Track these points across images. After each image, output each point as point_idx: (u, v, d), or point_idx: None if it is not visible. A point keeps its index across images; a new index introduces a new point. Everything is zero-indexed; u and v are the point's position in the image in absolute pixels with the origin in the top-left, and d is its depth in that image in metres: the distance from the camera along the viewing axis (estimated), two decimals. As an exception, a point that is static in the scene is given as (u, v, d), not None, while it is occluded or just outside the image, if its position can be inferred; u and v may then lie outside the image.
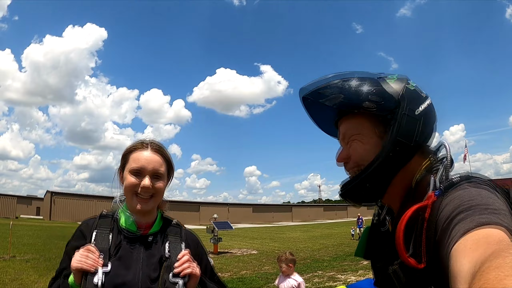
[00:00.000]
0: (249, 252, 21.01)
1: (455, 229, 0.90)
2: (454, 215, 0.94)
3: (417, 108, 1.21)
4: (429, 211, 1.03)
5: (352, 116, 1.29)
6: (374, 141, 1.24)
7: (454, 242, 0.87)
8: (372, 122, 1.24)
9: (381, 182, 1.22)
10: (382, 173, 1.20)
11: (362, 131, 1.26)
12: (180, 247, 1.82)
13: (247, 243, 26.67)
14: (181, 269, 1.69)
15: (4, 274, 11.90)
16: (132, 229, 1.79)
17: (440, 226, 0.97)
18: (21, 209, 68.58)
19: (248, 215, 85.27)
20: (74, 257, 1.60)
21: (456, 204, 0.97)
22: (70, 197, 67.93)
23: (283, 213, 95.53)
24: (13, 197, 65.87)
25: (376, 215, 1.41)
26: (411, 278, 1.05)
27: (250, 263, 16.31)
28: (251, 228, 53.50)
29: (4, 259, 14.95)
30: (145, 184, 1.76)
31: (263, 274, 13.38)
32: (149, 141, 1.88)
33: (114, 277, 1.61)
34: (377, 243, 1.33)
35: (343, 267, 14.50)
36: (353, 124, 1.29)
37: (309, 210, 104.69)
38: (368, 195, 1.26)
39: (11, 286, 10.41)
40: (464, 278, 0.76)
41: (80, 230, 1.80)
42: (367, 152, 1.23)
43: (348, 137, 1.30)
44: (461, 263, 0.80)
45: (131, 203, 1.80)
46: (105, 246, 1.68)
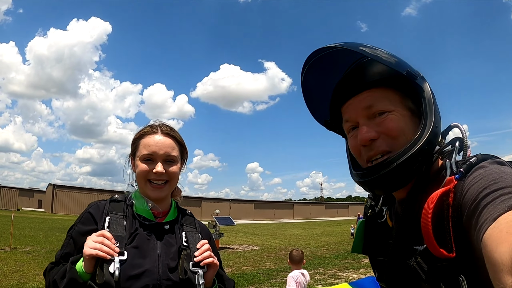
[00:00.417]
0: (250, 248, 21.03)
1: (484, 212, 0.83)
2: (481, 197, 0.87)
3: None
4: (452, 195, 0.95)
5: (377, 87, 1.13)
6: (407, 114, 1.11)
7: (485, 228, 0.80)
8: (401, 95, 1.12)
9: (426, 161, 1.07)
10: (430, 149, 1.07)
11: (395, 104, 1.11)
12: (197, 237, 1.78)
13: (248, 239, 26.68)
14: (202, 257, 1.65)
15: (5, 265, 11.94)
16: (149, 216, 1.72)
17: (466, 210, 0.91)
18: (23, 201, 68.73)
19: (250, 211, 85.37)
20: (87, 243, 1.49)
21: (481, 184, 0.90)
22: (72, 190, 68.09)
23: (285, 210, 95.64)
24: (15, 189, 66.05)
25: (369, 207, 1.33)
26: (436, 269, 0.97)
27: (251, 259, 16.31)
28: (252, 224, 53.62)
29: (5, 250, 14.99)
30: (157, 170, 1.69)
31: (264, 270, 13.37)
32: (158, 124, 1.82)
33: (132, 266, 1.53)
34: (376, 237, 1.27)
35: (345, 265, 14.50)
36: (383, 95, 1.12)
37: (311, 208, 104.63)
38: (406, 179, 1.08)
39: (12, 278, 10.42)
40: (506, 267, 0.70)
41: (89, 213, 1.68)
42: (407, 126, 1.09)
43: (381, 110, 1.11)
44: (500, 251, 0.73)
45: (144, 190, 1.73)
46: (120, 233, 1.59)
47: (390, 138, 1.09)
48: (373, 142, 1.11)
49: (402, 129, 1.09)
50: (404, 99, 1.12)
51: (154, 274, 1.56)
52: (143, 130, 1.80)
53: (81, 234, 1.61)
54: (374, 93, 1.12)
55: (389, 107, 1.10)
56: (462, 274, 0.93)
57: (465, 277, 0.93)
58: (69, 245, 1.63)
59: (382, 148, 1.10)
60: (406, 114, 1.11)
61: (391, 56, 1.11)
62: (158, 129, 1.78)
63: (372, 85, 1.13)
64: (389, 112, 1.10)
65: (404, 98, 1.12)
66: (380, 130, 1.10)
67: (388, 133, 1.09)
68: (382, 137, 1.10)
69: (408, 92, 1.13)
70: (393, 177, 1.06)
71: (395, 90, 1.12)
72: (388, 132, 1.09)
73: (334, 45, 1.13)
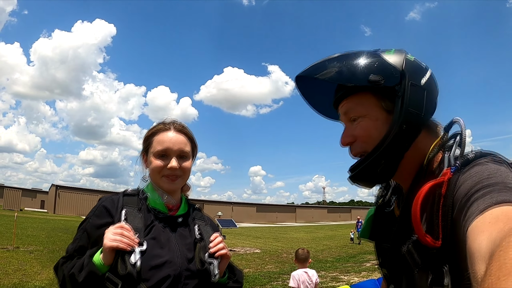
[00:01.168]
0: (252, 250, 20.94)
1: (473, 206, 0.86)
2: (472, 192, 0.90)
3: (421, 78, 1.17)
4: (445, 187, 0.99)
5: (354, 93, 1.22)
6: (382, 116, 1.18)
7: (472, 220, 0.83)
8: (377, 97, 1.18)
9: (395, 158, 1.15)
10: (396, 148, 1.14)
11: (368, 108, 1.19)
12: (209, 230, 1.84)
13: (250, 242, 26.60)
14: (216, 249, 1.71)
15: (8, 264, 11.92)
16: (163, 209, 1.75)
17: (458, 204, 0.93)
18: (26, 202, 68.83)
19: (252, 214, 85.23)
20: (106, 236, 1.50)
21: (474, 180, 0.93)
22: (75, 191, 68.22)
23: (287, 214, 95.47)
24: (18, 189, 65.74)
25: (380, 197, 1.38)
26: (425, 258, 1.01)
27: (253, 262, 16.26)
28: (254, 227, 53.52)
29: (8, 249, 14.97)
30: (172, 165, 1.73)
31: (266, 273, 13.33)
32: (170, 121, 1.85)
33: (152, 256, 1.55)
34: (383, 224, 1.31)
35: (346, 268, 14.47)
36: (356, 101, 1.21)
37: (313, 211, 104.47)
38: (382, 174, 1.18)
39: (14, 277, 10.38)
40: (481, 256, 0.72)
41: (104, 206, 1.68)
42: (377, 130, 1.17)
43: (354, 116, 1.22)
44: (479, 240, 0.76)
45: (159, 184, 1.76)
46: (138, 225, 1.62)
47: (362, 142, 1.20)
48: (351, 144, 1.24)
49: (369, 134, 1.18)
50: (380, 101, 1.18)
51: (175, 265, 1.59)
52: (156, 127, 1.84)
53: (95, 227, 1.62)
54: (350, 100, 1.23)
55: (361, 112, 1.20)
56: (447, 264, 0.96)
57: (449, 268, 0.96)
58: (82, 238, 1.64)
59: (356, 150, 1.22)
60: (380, 117, 1.18)
61: (353, 68, 1.18)
62: (171, 126, 1.82)
63: (349, 93, 1.23)
64: (362, 117, 1.20)
65: (380, 100, 1.18)
66: (354, 134, 1.21)
67: (359, 138, 1.21)
68: (357, 140, 1.21)
69: (385, 93, 1.17)
70: (364, 176, 1.21)
71: (372, 93, 1.19)
72: (359, 137, 1.21)
73: (299, 74, 1.28)
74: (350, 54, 1.22)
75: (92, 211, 1.71)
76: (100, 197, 1.76)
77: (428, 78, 1.19)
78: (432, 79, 1.21)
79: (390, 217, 1.29)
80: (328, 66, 1.21)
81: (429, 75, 1.20)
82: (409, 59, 1.20)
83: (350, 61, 1.19)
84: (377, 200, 1.40)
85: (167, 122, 1.85)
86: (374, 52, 1.23)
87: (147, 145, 1.82)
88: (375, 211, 1.38)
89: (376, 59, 1.19)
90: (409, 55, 1.22)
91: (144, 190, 1.80)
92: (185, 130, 1.86)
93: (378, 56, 1.20)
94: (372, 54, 1.21)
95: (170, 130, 1.81)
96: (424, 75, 1.19)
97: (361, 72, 1.16)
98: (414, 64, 1.20)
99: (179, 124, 1.87)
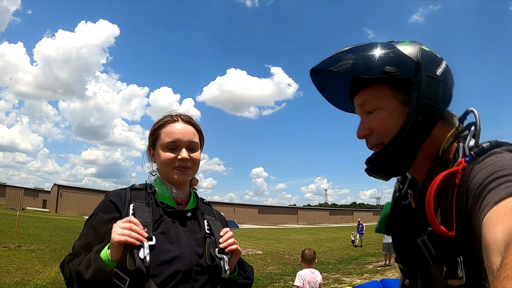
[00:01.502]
0: (254, 252, 20.93)
1: (488, 196, 0.85)
2: (487, 182, 0.89)
3: (437, 68, 1.16)
4: (460, 176, 0.98)
5: (370, 85, 1.20)
6: (398, 108, 1.16)
7: (487, 211, 0.82)
8: (393, 88, 1.17)
9: (412, 149, 1.15)
10: (413, 140, 1.13)
11: (384, 100, 1.18)
12: (218, 225, 1.82)
13: (252, 243, 26.57)
14: (226, 244, 1.69)
15: (9, 263, 11.93)
16: (171, 204, 1.73)
17: (472, 194, 0.92)
18: (28, 201, 68.88)
19: (254, 216, 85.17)
20: (114, 230, 1.46)
21: (489, 170, 0.91)
22: (77, 191, 68.25)
23: (289, 216, 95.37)
24: (20, 189, 65.96)
25: (397, 190, 1.36)
26: (440, 249, 1.00)
27: (255, 263, 16.20)
28: (256, 228, 53.45)
29: (10, 248, 14.98)
30: (183, 156, 1.71)
31: (268, 274, 13.32)
32: (177, 114, 1.83)
33: (161, 251, 1.53)
34: (399, 218, 1.29)
35: (348, 270, 14.46)
36: (372, 93, 1.20)
37: (315, 213, 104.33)
38: (399, 166, 1.17)
39: (15, 275, 10.40)
40: (497, 247, 0.71)
41: (111, 201, 1.64)
42: (393, 122, 1.16)
43: (370, 109, 1.21)
44: (494, 231, 0.75)
45: (170, 176, 1.74)
46: (146, 219, 1.58)
47: (378, 134, 1.19)
48: (367, 137, 1.23)
49: (386, 126, 1.17)
50: (396, 92, 1.16)
51: (185, 260, 1.57)
52: (163, 120, 1.81)
53: (103, 222, 1.59)
54: (366, 92, 1.21)
55: (377, 105, 1.19)
56: (461, 255, 0.95)
57: (463, 259, 0.94)
58: (89, 234, 1.59)
59: (373, 143, 1.21)
60: (396, 109, 1.16)
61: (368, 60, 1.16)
62: (178, 118, 1.80)
63: (364, 85, 1.21)
64: (378, 110, 1.18)
65: (396, 91, 1.16)
66: (371, 127, 1.20)
67: (375, 130, 1.19)
68: (374, 133, 1.20)
69: (401, 85, 1.15)
70: (381, 169, 1.20)
71: (388, 85, 1.17)
72: (375, 130, 1.19)
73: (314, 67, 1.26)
74: (364, 46, 1.20)
75: (99, 206, 1.67)
76: (107, 192, 1.73)
77: (444, 69, 1.17)
78: (448, 70, 1.19)
79: (407, 210, 1.27)
80: (342, 58, 1.19)
81: (445, 66, 1.18)
82: (425, 49, 1.18)
83: (365, 52, 1.18)
84: (394, 194, 1.38)
85: (174, 114, 1.83)
86: (389, 43, 1.21)
87: (155, 138, 1.79)
88: (393, 205, 1.36)
89: (391, 50, 1.17)
90: (424, 46, 1.20)
91: (152, 184, 1.77)
92: (192, 121, 1.84)
93: (393, 47, 1.18)
94: (387, 45, 1.19)
95: (178, 121, 1.78)
96: (440, 66, 1.17)
97: (376, 63, 1.15)
98: (430, 54, 1.18)
99: (186, 115, 1.84)
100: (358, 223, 28.13)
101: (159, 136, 1.77)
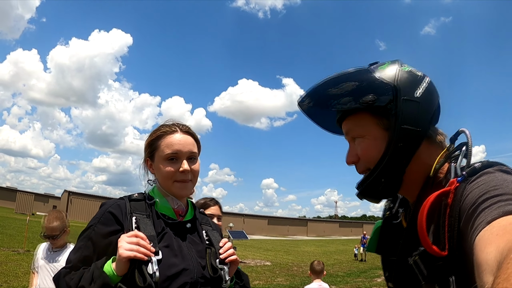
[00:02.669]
0: (262, 263, 20.81)
1: (480, 216, 0.86)
2: (480, 201, 0.90)
3: (415, 90, 1.16)
4: (452, 196, 0.99)
5: (352, 113, 1.23)
6: (380, 135, 1.18)
7: (479, 230, 0.83)
8: (374, 115, 1.18)
9: (395, 175, 1.16)
10: (395, 165, 1.15)
11: (366, 128, 1.20)
12: (216, 235, 1.80)
13: (261, 254, 26.45)
14: (226, 255, 1.69)
15: (18, 267, 12.09)
16: (172, 215, 1.71)
17: (464, 214, 0.93)
18: (38, 206, 69.22)
19: (263, 227, 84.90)
20: (121, 245, 1.42)
21: (481, 190, 0.93)
22: (87, 198, 68.52)
23: (298, 227, 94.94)
24: (30, 194, 66.55)
25: (387, 209, 1.38)
26: (432, 269, 1.00)
27: (263, 274, 16.17)
28: (265, 240, 53.31)
29: (19, 252, 15.13)
30: (184, 168, 1.68)
31: (276, 285, 13.26)
32: (175, 124, 1.79)
33: (168, 265, 1.50)
34: (390, 237, 1.30)
35: (357, 283, 14.37)
36: (355, 121, 1.23)
37: (325, 226, 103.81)
38: (385, 190, 1.19)
39: (23, 279, 10.51)
40: (490, 267, 0.71)
41: (110, 212, 1.58)
42: (376, 149, 1.18)
43: (354, 136, 1.24)
44: (486, 251, 0.75)
45: (169, 189, 1.71)
46: (151, 233, 1.54)
47: (364, 161, 1.22)
48: (356, 163, 1.26)
49: (369, 154, 1.19)
50: (377, 119, 1.18)
51: (191, 273, 1.55)
52: (161, 130, 1.76)
53: (102, 236, 1.54)
54: (349, 121, 1.25)
55: (360, 133, 1.22)
56: (453, 275, 0.95)
57: (455, 279, 0.95)
58: (87, 248, 1.54)
59: (361, 169, 1.24)
60: (379, 136, 1.18)
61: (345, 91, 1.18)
62: (177, 128, 1.76)
63: (347, 114, 1.25)
64: (362, 138, 1.21)
65: (377, 118, 1.18)
66: (357, 154, 1.24)
67: (362, 158, 1.22)
68: (360, 160, 1.23)
69: (381, 111, 1.17)
70: (369, 193, 1.22)
71: (369, 112, 1.19)
72: (361, 157, 1.22)
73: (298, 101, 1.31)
74: (341, 76, 1.22)
75: (97, 218, 1.60)
76: (102, 202, 1.68)
77: (425, 89, 1.17)
78: (429, 88, 1.18)
79: (398, 229, 1.28)
80: (321, 92, 1.24)
81: (426, 85, 1.18)
82: (403, 70, 1.19)
83: (342, 83, 1.19)
84: (384, 212, 1.40)
85: (171, 124, 1.80)
86: (368, 69, 1.23)
87: (153, 150, 1.75)
88: (382, 224, 1.38)
89: (368, 78, 1.18)
90: (404, 66, 1.21)
91: (151, 194, 1.74)
92: (191, 131, 1.81)
93: (370, 75, 1.19)
94: (364, 73, 1.20)
95: (177, 132, 1.75)
96: (419, 86, 1.17)
97: (353, 94, 1.16)
98: (409, 75, 1.18)
99: (184, 125, 1.82)
100: (362, 236, 27.50)
101: (158, 147, 1.73)
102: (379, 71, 1.19)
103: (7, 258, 13.06)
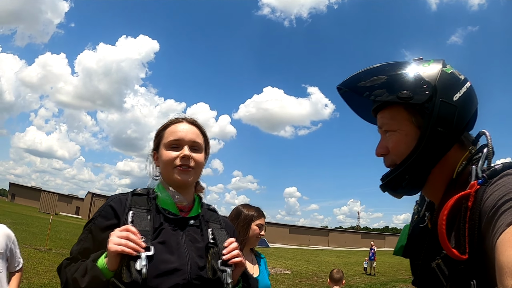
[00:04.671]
0: (282, 271, 20.66)
1: (500, 219, 0.87)
2: (500, 203, 0.90)
3: (455, 93, 1.14)
4: (472, 199, 0.99)
5: (389, 106, 1.22)
6: (412, 132, 1.17)
7: (500, 233, 0.84)
8: (409, 111, 1.18)
9: (420, 174, 1.16)
10: (421, 165, 1.15)
11: (400, 123, 1.20)
12: (223, 234, 1.72)
13: (281, 263, 26.26)
14: (230, 256, 1.59)
15: (39, 264, 12.22)
16: (174, 210, 1.65)
17: (485, 216, 0.93)
18: (61, 206, 70.58)
19: (285, 235, 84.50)
20: (111, 239, 1.39)
21: (502, 192, 0.93)
22: (111, 200, 69.26)
23: (320, 237, 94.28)
24: (54, 194, 67.74)
25: (416, 213, 1.36)
26: (454, 273, 1.00)
27: (283, 283, 16.07)
28: (286, 248, 53.00)
29: (41, 250, 15.36)
30: (185, 153, 1.65)
31: (295, 294, 13.02)
32: (182, 116, 1.82)
33: (160, 262, 1.44)
34: (417, 240, 1.28)
35: (379, 296, 14.02)
36: (389, 115, 1.23)
37: (347, 236, 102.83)
38: (408, 187, 1.19)
39: (44, 277, 10.65)
40: (510, 270, 0.73)
41: (110, 206, 1.58)
42: (405, 145, 1.17)
43: (386, 129, 1.24)
44: (508, 254, 0.77)
45: (170, 177, 1.66)
46: (145, 228, 1.50)
47: (393, 155, 1.22)
48: (385, 155, 1.25)
49: (399, 149, 1.19)
50: (411, 116, 1.17)
51: (184, 273, 1.48)
52: (167, 122, 1.80)
53: (100, 229, 1.53)
54: (384, 113, 1.24)
55: (393, 126, 1.21)
56: (475, 278, 0.94)
57: (477, 283, 0.94)
58: (87, 240, 1.55)
59: (388, 162, 1.24)
60: (410, 132, 1.17)
61: (385, 83, 1.18)
62: (183, 119, 1.79)
63: (383, 106, 1.24)
64: (393, 132, 1.21)
65: (411, 115, 1.17)
66: (387, 147, 1.23)
67: (391, 151, 1.22)
68: (389, 153, 1.23)
69: (416, 109, 1.16)
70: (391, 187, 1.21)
71: (404, 108, 1.18)
72: (391, 151, 1.22)
73: (338, 85, 1.31)
74: (385, 67, 1.22)
75: (99, 210, 1.61)
76: (108, 196, 1.64)
77: (464, 93, 1.15)
78: (468, 93, 1.17)
79: (424, 233, 1.26)
80: (362, 80, 1.23)
81: (466, 90, 1.16)
82: (445, 71, 1.17)
83: (384, 75, 1.20)
84: (413, 216, 1.38)
85: (179, 116, 1.82)
86: (413, 63, 1.22)
87: (159, 140, 1.75)
88: (411, 228, 1.36)
89: (410, 73, 1.18)
90: (447, 67, 1.19)
91: (155, 189, 1.70)
92: (197, 123, 1.81)
93: (413, 70, 1.18)
94: (407, 67, 1.20)
95: (183, 122, 1.77)
96: (459, 90, 1.15)
97: (392, 87, 1.16)
98: (450, 77, 1.17)
99: (192, 118, 1.82)
100: (370, 247, 25.07)
101: (163, 136, 1.74)
102: (422, 68, 1.18)
103: (29, 255, 13.20)
